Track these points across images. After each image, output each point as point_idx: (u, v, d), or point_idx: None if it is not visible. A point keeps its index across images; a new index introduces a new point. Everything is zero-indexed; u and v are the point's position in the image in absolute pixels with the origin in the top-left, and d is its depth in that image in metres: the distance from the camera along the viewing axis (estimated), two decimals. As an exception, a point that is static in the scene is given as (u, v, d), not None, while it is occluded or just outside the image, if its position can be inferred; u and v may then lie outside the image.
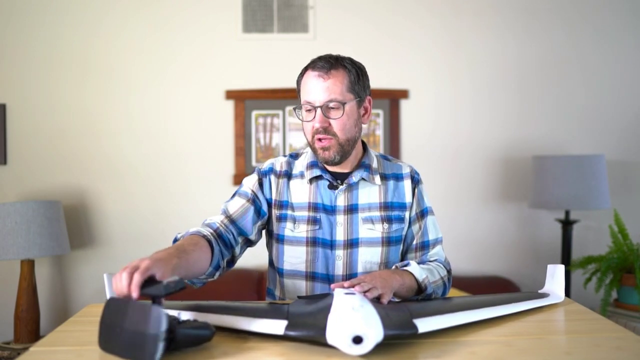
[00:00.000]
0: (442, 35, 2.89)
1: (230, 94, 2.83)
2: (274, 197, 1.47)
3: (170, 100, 2.84)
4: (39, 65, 2.80)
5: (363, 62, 1.42)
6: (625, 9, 2.92)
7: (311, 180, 1.46)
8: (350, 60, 1.43)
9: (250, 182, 1.48)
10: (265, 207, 1.47)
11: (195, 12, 2.83)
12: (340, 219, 1.43)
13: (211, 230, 1.35)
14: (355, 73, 1.41)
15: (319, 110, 1.38)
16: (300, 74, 1.45)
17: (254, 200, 1.45)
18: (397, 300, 1.28)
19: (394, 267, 1.38)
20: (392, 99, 2.86)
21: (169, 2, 2.83)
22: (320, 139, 1.39)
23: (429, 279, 1.36)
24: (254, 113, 2.84)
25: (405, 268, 1.35)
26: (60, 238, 2.53)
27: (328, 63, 1.39)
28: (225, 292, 2.54)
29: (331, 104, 1.38)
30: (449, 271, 1.47)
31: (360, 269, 1.43)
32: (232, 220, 1.41)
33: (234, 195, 1.48)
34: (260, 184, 1.47)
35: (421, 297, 1.35)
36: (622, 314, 2.48)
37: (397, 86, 2.87)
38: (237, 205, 1.44)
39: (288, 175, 1.49)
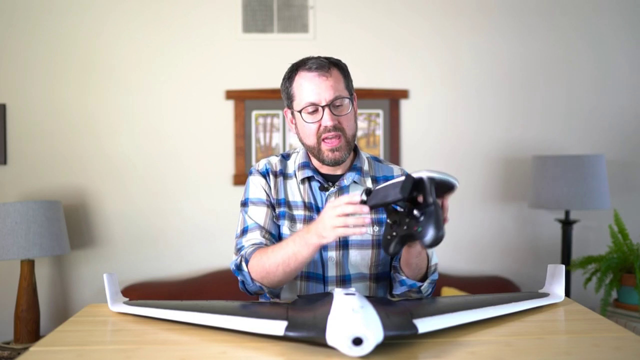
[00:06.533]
0: (442, 36, 2.89)
1: (230, 94, 2.83)
2: (272, 196, 1.47)
3: (171, 100, 2.83)
4: (39, 65, 2.79)
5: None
6: (624, 8, 2.92)
7: (303, 181, 1.46)
8: (336, 59, 1.43)
9: (259, 185, 1.47)
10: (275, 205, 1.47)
11: (195, 13, 2.83)
12: None
13: (266, 242, 1.39)
14: (345, 71, 1.43)
15: (326, 109, 1.36)
16: (288, 78, 1.43)
17: (270, 204, 1.45)
18: (396, 299, 1.28)
19: None
20: (392, 99, 2.86)
21: (169, 3, 2.83)
22: (325, 140, 1.38)
23: (433, 270, 1.38)
24: (254, 113, 2.84)
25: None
26: (60, 238, 2.53)
27: (323, 62, 1.38)
28: (225, 292, 2.54)
29: (338, 101, 1.38)
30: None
31: (351, 271, 1.43)
32: (268, 232, 1.43)
33: (246, 205, 1.46)
34: (267, 184, 1.47)
35: (415, 290, 1.37)
36: (622, 314, 2.48)
37: (397, 86, 2.87)
38: (262, 215, 1.44)
39: (283, 174, 1.49)
